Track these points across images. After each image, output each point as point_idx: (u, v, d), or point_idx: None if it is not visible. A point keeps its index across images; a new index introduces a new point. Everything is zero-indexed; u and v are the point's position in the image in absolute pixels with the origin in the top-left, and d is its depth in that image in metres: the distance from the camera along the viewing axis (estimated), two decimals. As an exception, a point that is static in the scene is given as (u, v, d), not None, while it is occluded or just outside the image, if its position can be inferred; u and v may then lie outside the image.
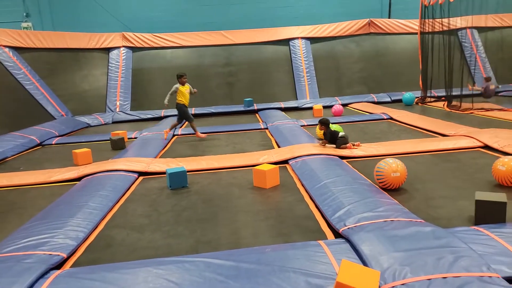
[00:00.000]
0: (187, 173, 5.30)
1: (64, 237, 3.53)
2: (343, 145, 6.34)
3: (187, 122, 8.69)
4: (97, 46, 13.34)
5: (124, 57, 13.47)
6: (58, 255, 3.22)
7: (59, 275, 2.84)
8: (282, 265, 2.80)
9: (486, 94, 11.47)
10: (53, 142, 8.88)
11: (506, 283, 2.43)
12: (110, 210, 4.42)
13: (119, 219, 4.19)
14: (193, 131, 8.55)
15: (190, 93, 8.36)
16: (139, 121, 11.85)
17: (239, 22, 14.62)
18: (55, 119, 11.07)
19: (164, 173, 5.66)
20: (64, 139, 9.15)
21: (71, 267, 3.19)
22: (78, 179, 5.72)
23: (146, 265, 2.92)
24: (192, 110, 12.25)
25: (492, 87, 11.53)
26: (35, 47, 12.20)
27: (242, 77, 13.64)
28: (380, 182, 4.55)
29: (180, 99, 8.28)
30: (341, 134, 6.46)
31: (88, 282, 2.70)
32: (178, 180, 5.12)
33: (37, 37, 12.33)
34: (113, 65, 13.29)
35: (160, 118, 11.86)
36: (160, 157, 6.89)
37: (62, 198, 4.74)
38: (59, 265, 3.16)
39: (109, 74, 13.15)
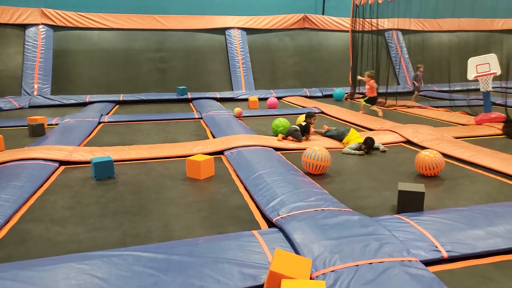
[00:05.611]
0: (114, 163, 5.03)
1: (-30, 233, 3.15)
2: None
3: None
4: (11, 22, 12.02)
5: (44, 35, 12.32)
6: (-38, 252, 2.86)
7: (-38, 275, 2.51)
8: (216, 256, 2.75)
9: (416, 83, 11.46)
10: (-42, 127, 7.91)
11: (423, 266, 2.65)
12: (26, 202, 4.04)
13: (36, 212, 3.83)
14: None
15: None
16: (60, 107, 10.99)
17: (174, 8, 14.09)
18: (-39, 100, 9.88)
19: (88, 162, 5.30)
20: (-28, 124, 8.19)
21: (-23, 265, 2.84)
22: (-12, 168, 5.15)
23: (67, 260, 2.69)
24: (120, 97, 11.66)
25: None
26: None
27: (176, 64, 13.22)
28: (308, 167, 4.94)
29: None
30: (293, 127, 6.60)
31: (-2, 282, 2.42)
32: (104, 170, 4.84)
33: None
34: (30, 43, 12.09)
35: (84, 104, 11.09)
36: (84, 146, 6.45)
37: (-32, 189, 4.22)
38: (-38, 264, 2.81)
39: (25, 53, 11.94)
